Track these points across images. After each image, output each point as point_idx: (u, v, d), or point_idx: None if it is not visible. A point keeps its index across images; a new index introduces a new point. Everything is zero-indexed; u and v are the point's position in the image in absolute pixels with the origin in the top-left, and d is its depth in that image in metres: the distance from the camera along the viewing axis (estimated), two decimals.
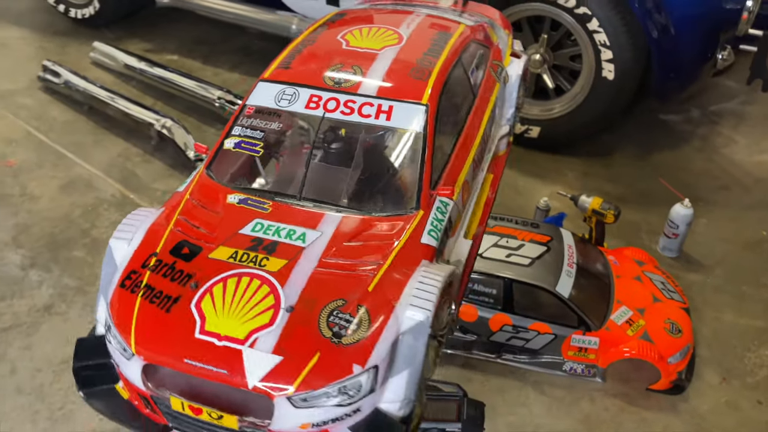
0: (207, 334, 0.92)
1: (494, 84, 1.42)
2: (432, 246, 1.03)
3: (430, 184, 1.10)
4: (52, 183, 2.62)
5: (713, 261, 2.36)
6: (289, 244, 1.02)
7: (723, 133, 3.01)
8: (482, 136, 1.32)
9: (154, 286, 1.00)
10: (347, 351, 0.90)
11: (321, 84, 1.18)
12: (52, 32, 3.65)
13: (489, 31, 1.52)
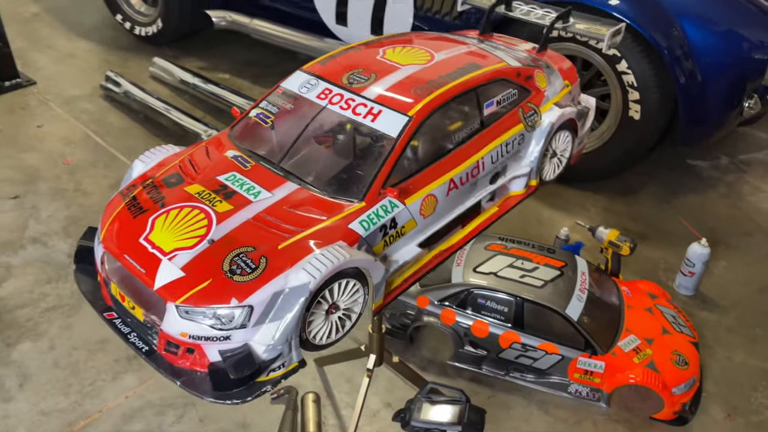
0: (147, 241, 1.15)
1: (516, 123, 1.46)
2: (357, 233, 1.18)
3: (383, 184, 1.23)
4: (104, 181, 2.83)
5: (729, 302, 2.39)
6: (243, 195, 1.21)
7: (750, 182, 3.05)
8: (477, 164, 1.38)
9: (137, 198, 1.25)
10: (233, 286, 1.06)
11: (337, 81, 1.37)
12: (116, 47, 3.94)
13: (538, 76, 1.55)
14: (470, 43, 1.60)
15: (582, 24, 1.66)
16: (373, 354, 1.71)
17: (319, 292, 1.09)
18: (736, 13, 2.53)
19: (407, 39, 1.60)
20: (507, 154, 1.47)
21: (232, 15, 3.58)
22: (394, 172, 1.24)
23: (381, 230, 1.22)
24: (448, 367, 2.09)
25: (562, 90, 1.60)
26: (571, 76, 1.65)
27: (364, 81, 1.36)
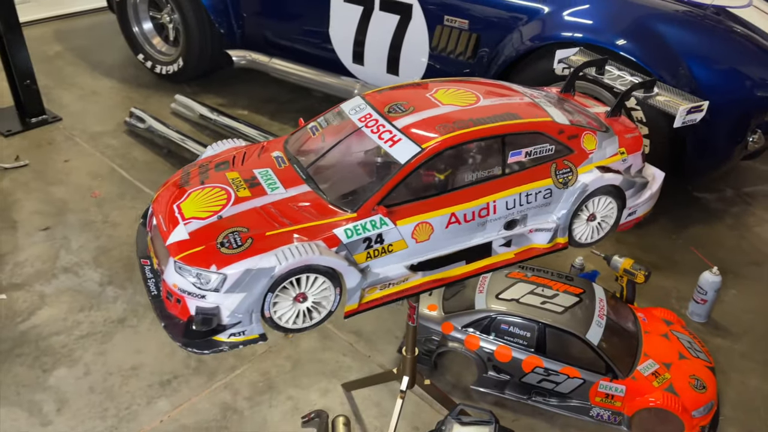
0: (177, 207, 1.37)
1: (545, 177, 1.50)
2: (339, 238, 1.32)
3: (379, 202, 1.35)
4: (131, 213, 2.92)
5: (741, 329, 2.46)
6: (263, 187, 1.41)
7: (756, 214, 3.14)
8: (488, 206, 1.44)
9: (190, 174, 1.50)
10: (217, 256, 1.26)
11: (380, 109, 1.50)
12: (137, 84, 4.08)
13: (586, 138, 1.55)
14: (527, 95, 1.61)
15: (663, 96, 1.63)
16: (406, 376, 1.77)
17: (285, 279, 1.25)
18: (740, 53, 2.67)
19: (466, 82, 1.67)
20: (528, 204, 1.50)
21: (252, 54, 3.73)
22: (396, 195, 1.36)
23: (365, 242, 1.34)
24: (472, 391, 2.15)
25: (614, 156, 1.58)
26: (632, 146, 1.62)
27: (401, 112, 1.49)
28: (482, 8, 2.93)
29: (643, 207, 1.68)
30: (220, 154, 1.59)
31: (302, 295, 1.29)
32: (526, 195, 1.49)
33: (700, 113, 1.61)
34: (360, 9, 3.21)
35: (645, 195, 1.66)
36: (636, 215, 1.68)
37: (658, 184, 1.69)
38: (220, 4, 3.68)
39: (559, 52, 1.80)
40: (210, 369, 2.19)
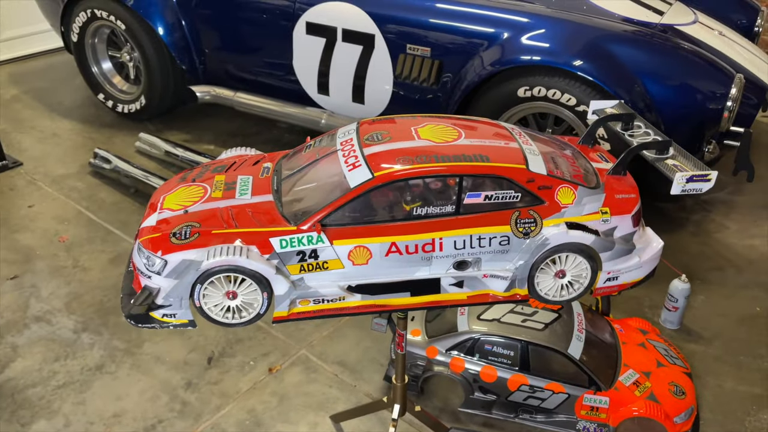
0: (163, 198, 1.52)
1: (503, 224, 1.47)
2: (272, 247, 1.40)
3: (321, 219, 1.41)
4: (102, 256, 2.87)
5: (712, 334, 2.55)
6: (234, 191, 1.51)
7: (715, 220, 3.27)
8: (433, 242, 1.45)
9: (191, 173, 1.63)
10: (166, 244, 1.38)
11: (361, 136, 1.54)
12: (99, 124, 4.03)
13: (562, 191, 1.49)
14: (517, 141, 1.57)
15: (673, 161, 1.52)
16: (397, 404, 1.78)
17: (213, 274, 1.36)
18: (689, 68, 2.80)
19: (465, 120, 1.66)
20: (481, 248, 1.47)
21: (216, 89, 3.73)
22: (340, 216, 1.42)
23: (298, 255, 1.42)
24: (460, 413, 2.16)
25: (592, 214, 1.49)
26: (620, 207, 1.51)
27: (377, 141, 1.53)
28: (443, 35, 3.01)
29: (630, 274, 1.55)
30: (227, 159, 1.71)
31: (233, 293, 1.39)
32: (478, 238, 1.46)
33: (707, 183, 1.46)
34: (323, 41, 3.26)
35: (631, 261, 1.53)
36: (619, 281, 1.56)
37: (652, 254, 1.56)
38: (181, 40, 3.68)
39: (594, 103, 1.71)
40: (195, 411, 2.16)
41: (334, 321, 2.54)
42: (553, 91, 2.78)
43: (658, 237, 1.60)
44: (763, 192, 3.50)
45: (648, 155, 1.54)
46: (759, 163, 3.61)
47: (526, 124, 3.00)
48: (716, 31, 3.19)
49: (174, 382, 2.26)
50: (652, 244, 1.59)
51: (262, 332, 2.48)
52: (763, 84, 2.99)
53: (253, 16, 3.45)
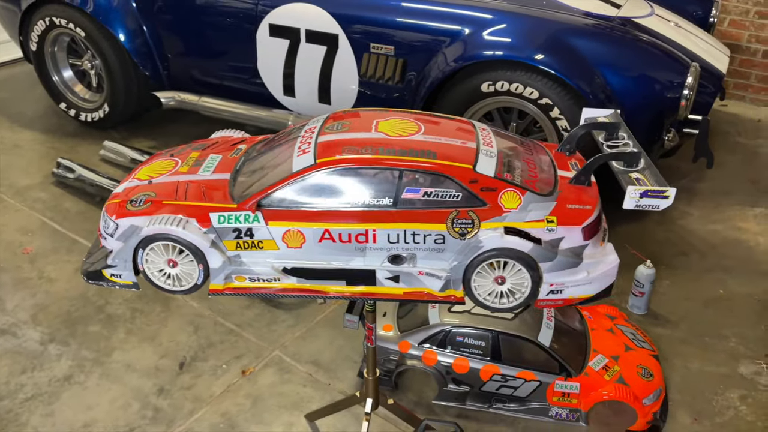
0: (139, 168, 1.66)
1: (439, 222, 1.44)
2: (210, 221, 1.46)
3: (259, 199, 1.45)
4: (68, 266, 2.82)
5: (678, 317, 2.60)
6: (199, 168, 1.60)
7: (678, 208, 3.34)
8: (366, 233, 1.45)
9: (177, 148, 1.74)
10: (122, 209, 1.49)
11: (325, 125, 1.59)
12: (62, 134, 3.96)
13: (507, 195, 1.45)
14: (477, 140, 1.54)
15: (637, 174, 1.44)
16: (369, 398, 1.78)
17: (152, 241, 1.44)
18: (647, 59, 2.86)
19: (425, 117, 1.65)
20: (415, 244, 1.45)
21: (180, 94, 3.69)
22: (278, 198, 1.45)
23: (234, 231, 1.47)
24: (434, 406, 2.18)
25: (536, 221, 1.43)
26: (570, 218, 1.44)
27: (334, 131, 1.56)
28: (406, 33, 3.03)
29: (577, 289, 1.48)
30: (213, 138, 1.80)
31: (173, 261, 1.46)
32: (413, 234, 1.44)
33: (665, 200, 1.39)
34: (287, 42, 3.25)
35: (577, 276, 1.45)
36: (564, 295, 1.48)
37: (604, 270, 1.47)
38: (143, 46, 3.64)
39: (587, 111, 1.65)
40: (168, 416, 2.13)
41: (307, 321, 2.54)
42: (516, 85, 2.82)
43: (615, 254, 1.51)
44: (723, 179, 3.59)
45: (615, 166, 1.47)
46: (718, 150, 3.71)
47: (491, 119, 3.03)
48: (672, 23, 3.26)
49: (145, 389, 2.23)
50: (606, 260, 1.49)
51: (234, 335, 2.47)
52: (719, 73, 3.07)
53: (216, 19, 3.42)
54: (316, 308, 2.60)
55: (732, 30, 4.35)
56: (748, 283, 2.80)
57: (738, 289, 2.76)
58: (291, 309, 2.60)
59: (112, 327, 2.49)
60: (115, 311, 2.57)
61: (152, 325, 2.51)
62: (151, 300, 2.63)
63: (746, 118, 4.30)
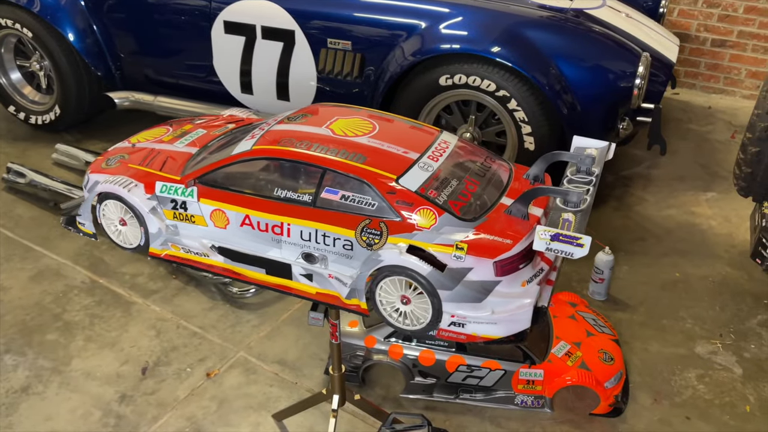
0: (139, 134, 1.85)
1: (349, 227, 1.42)
2: (154, 189, 1.60)
3: (198, 177, 1.57)
4: (22, 274, 2.73)
5: (636, 301, 2.67)
6: (178, 139, 1.76)
7: (635, 194, 3.42)
8: (281, 226, 1.46)
9: (184, 119, 1.97)
10: (98, 167, 1.70)
11: (289, 116, 1.67)
12: (12, 138, 3.83)
13: (423, 212, 1.38)
14: (425, 151, 1.50)
15: (572, 216, 1.30)
16: (336, 394, 1.78)
17: (105, 198, 1.61)
18: (600, 49, 2.91)
19: (385, 121, 1.63)
20: (326, 246, 1.44)
21: (135, 95, 3.61)
22: (214, 178, 1.54)
23: (171, 202, 1.59)
24: (402, 399, 2.18)
25: (445, 245, 1.34)
26: (482, 250, 1.33)
27: (291, 121, 1.63)
28: (362, 28, 3.02)
29: (481, 327, 1.37)
30: (218, 116, 1.95)
31: (123, 220, 1.63)
32: (323, 235, 1.43)
33: (579, 249, 1.24)
34: (242, 39, 3.21)
35: (480, 312, 1.35)
36: (466, 330, 1.38)
37: (513, 312, 1.36)
38: (94, 46, 3.54)
39: (577, 140, 1.53)
40: (131, 423, 2.09)
41: (272, 321, 2.52)
42: (473, 78, 2.84)
43: (533, 298, 1.37)
44: (676, 165, 3.68)
45: (557, 205, 1.34)
46: (671, 137, 3.82)
47: (450, 113, 3.05)
48: (623, 14, 3.33)
49: (107, 397, 2.18)
50: (518, 302, 1.36)
51: (198, 337, 2.43)
52: (669, 62, 3.14)
53: (169, 17, 3.36)
54: (280, 307, 2.58)
55: (681, 20, 4.46)
56: (702, 265, 2.88)
57: (693, 272, 2.84)
58: (255, 309, 2.57)
59: (70, 335, 2.43)
60: (73, 318, 2.51)
61: (112, 331, 2.45)
62: (111, 306, 2.57)
63: (697, 105, 4.42)
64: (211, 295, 2.64)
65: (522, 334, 1.40)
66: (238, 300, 2.60)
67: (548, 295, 1.48)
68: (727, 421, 2.15)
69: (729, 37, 4.40)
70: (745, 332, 2.52)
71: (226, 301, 2.60)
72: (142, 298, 2.62)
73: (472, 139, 3.02)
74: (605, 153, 1.50)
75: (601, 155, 1.48)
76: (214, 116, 1.96)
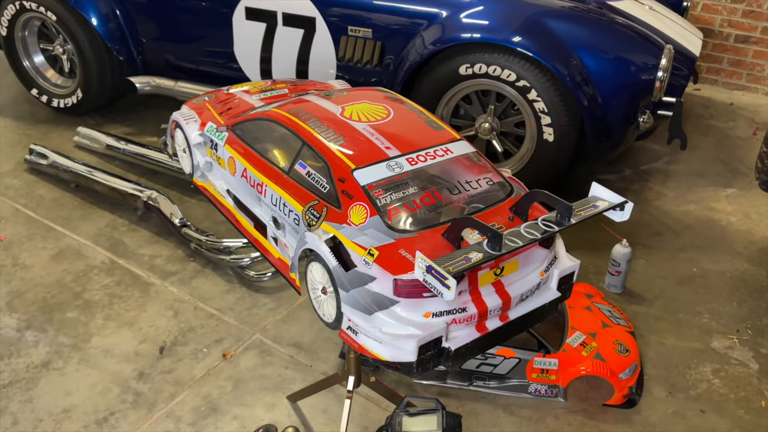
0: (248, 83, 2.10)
1: (301, 202, 1.44)
2: (205, 125, 1.85)
3: (232, 125, 1.75)
4: (43, 253, 2.78)
5: (653, 295, 2.65)
6: (261, 93, 1.99)
7: (653, 189, 3.40)
8: (262, 186, 1.57)
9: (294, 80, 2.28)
10: (191, 101, 2.03)
11: (333, 92, 1.79)
12: (34, 120, 3.88)
13: (356, 209, 1.35)
14: (409, 151, 1.46)
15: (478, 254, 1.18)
16: (351, 375, 1.79)
17: (178, 127, 1.90)
18: (623, 41, 2.89)
19: (408, 115, 1.63)
20: (284, 215, 1.48)
21: (156, 80, 3.64)
22: (241, 129, 1.70)
23: (211, 141, 1.78)
24: (415, 384, 2.20)
25: (360, 247, 1.28)
26: (389, 263, 1.25)
27: (326, 96, 1.73)
28: (383, 17, 3.02)
29: (370, 342, 1.29)
30: (315, 83, 2.20)
31: (185, 149, 1.88)
32: (284, 204, 1.46)
33: (445, 289, 1.13)
34: (263, 26, 3.22)
35: (369, 324, 1.28)
36: (359, 339, 1.31)
37: (397, 339, 1.25)
38: (117, 31, 3.58)
39: (595, 188, 1.39)
40: (149, 400, 2.12)
41: (287, 305, 2.54)
42: (494, 68, 2.83)
43: (426, 335, 1.25)
44: (696, 160, 3.65)
45: (479, 239, 1.25)
46: (692, 132, 3.78)
47: (469, 103, 3.04)
48: (647, 6, 3.29)
49: (125, 374, 2.21)
50: (407, 331, 1.25)
51: (214, 319, 2.46)
52: (692, 55, 3.11)
53: (191, 3, 3.37)
54: (296, 292, 2.59)
55: (705, 14, 4.41)
56: (720, 261, 2.86)
57: (711, 267, 2.82)
58: (272, 293, 2.60)
59: (89, 313, 2.47)
60: (93, 297, 2.54)
61: (131, 310, 2.49)
62: (130, 286, 2.61)
63: (719, 101, 4.37)
64: (228, 278, 2.66)
65: (409, 367, 1.27)
66: (254, 283, 2.62)
67: (470, 338, 1.31)
68: (742, 416, 2.14)
69: (753, 33, 4.34)
70: (762, 328, 2.50)
71: (243, 284, 2.63)
72: (161, 279, 2.65)
73: (490, 129, 3.01)
74: (610, 208, 1.33)
75: (622, 209, 1.33)
76: (312, 82, 2.20)
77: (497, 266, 1.32)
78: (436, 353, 1.29)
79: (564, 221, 1.27)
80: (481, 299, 1.31)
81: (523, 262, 1.38)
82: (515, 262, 1.36)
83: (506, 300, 1.34)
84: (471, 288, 1.30)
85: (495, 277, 1.33)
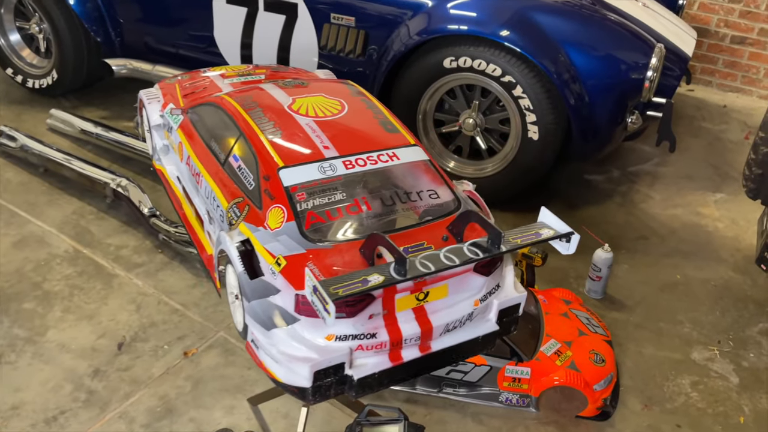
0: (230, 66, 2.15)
1: (227, 198, 1.36)
2: (166, 106, 1.80)
3: (187, 108, 1.71)
4: (4, 240, 2.67)
5: (634, 302, 2.57)
6: (236, 77, 1.97)
7: (641, 191, 3.31)
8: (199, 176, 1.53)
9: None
10: (164, 80, 2.03)
11: (298, 78, 1.88)
12: (7, 101, 3.76)
13: (274, 212, 1.25)
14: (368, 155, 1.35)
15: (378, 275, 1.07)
16: None
17: (142, 106, 1.91)
18: (613, 39, 2.79)
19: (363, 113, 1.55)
20: (212, 207, 1.40)
21: (133, 63, 3.52)
22: (193, 113, 1.66)
23: (167, 125, 1.75)
24: (383, 391, 2.11)
25: (269, 254, 1.17)
26: (294, 276, 1.15)
27: (279, 85, 1.67)
28: (367, 4, 2.91)
29: (266, 358, 1.20)
30: (297, 71, 2.21)
31: (149, 129, 1.86)
32: (213, 197, 1.38)
33: (325, 314, 1.06)
34: (244, 10, 3.11)
35: (265, 339, 1.18)
36: (259, 354, 1.22)
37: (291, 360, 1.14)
38: (94, 11, 3.45)
39: (544, 213, 1.42)
40: (102, 399, 2.03)
41: None
42: (479, 62, 2.73)
43: (323, 360, 1.14)
44: (686, 163, 3.56)
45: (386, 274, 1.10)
46: (682, 134, 3.70)
47: (453, 97, 2.94)
48: (640, 3, 3.19)
49: (80, 371, 2.12)
50: (303, 354, 1.15)
51: (178, 315, 2.37)
52: (685, 55, 3.02)
53: None
54: None
55: (701, 13, 4.32)
56: (705, 268, 2.78)
57: (695, 275, 2.74)
58: None
59: (48, 304, 2.37)
60: (53, 288, 2.45)
61: (91, 303, 2.39)
62: (92, 277, 2.51)
63: (712, 103, 4.28)
64: (195, 272, 2.56)
65: (303, 393, 1.17)
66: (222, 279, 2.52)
67: (379, 368, 1.18)
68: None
69: (750, 35, 4.25)
70: (744, 340, 2.42)
71: (211, 279, 2.53)
72: (125, 270, 2.55)
73: (474, 125, 2.91)
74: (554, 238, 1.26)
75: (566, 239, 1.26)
76: (296, 69, 2.19)
77: (419, 290, 1.17)
78: (337, 381, 1.17)
79: (493, 248, 1.15)
80: (396, 326, 1.17)
81: (453, 288, 1.22)
82: (444, 288, 1.21)
83: (427, 329, 1.19)
84: (386, 312, 1.15)
85: (417, 302, 1.18)
